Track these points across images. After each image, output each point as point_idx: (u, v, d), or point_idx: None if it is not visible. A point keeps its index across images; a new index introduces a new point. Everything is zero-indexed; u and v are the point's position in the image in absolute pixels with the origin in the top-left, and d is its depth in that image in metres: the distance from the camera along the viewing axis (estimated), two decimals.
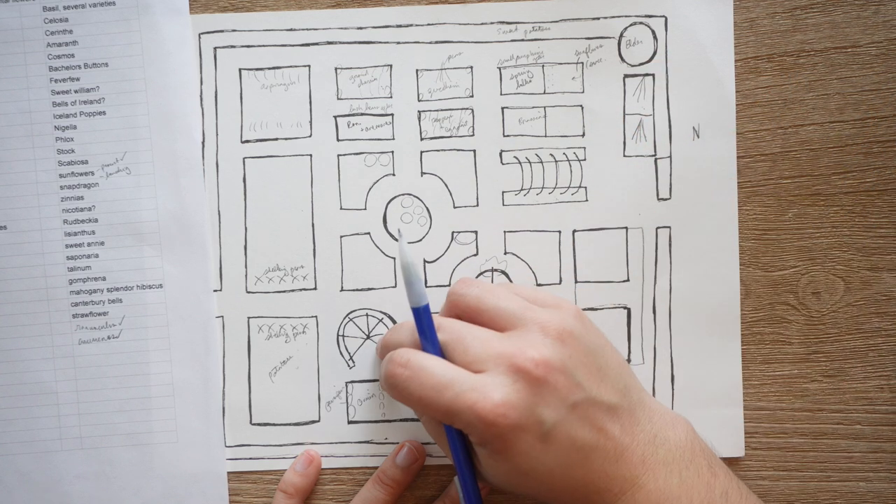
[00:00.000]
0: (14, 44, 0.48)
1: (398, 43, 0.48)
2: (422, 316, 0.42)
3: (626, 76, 0.49)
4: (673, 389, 0.49)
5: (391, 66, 0.49)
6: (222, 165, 0.49)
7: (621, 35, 0.48)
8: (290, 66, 0.49)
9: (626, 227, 0.49)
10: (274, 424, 0.49)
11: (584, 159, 0.49)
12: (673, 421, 0.43)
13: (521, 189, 0.49)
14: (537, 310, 0.42)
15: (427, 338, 0.42)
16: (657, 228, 0.49)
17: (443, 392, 0.40)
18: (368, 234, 0.49)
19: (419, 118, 0.49)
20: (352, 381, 0.49)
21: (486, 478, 0.43)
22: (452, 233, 0.49)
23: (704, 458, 0.43)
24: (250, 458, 0.49)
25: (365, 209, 0.49)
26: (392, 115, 0.49)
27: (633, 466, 0.41)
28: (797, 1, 0.48)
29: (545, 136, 0.49)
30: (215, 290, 0.49)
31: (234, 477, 0.49)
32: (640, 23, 0.48)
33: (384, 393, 0.49)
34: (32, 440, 0.48)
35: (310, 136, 0.49)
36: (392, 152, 0.49)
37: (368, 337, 0.49)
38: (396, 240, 0.42)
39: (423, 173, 0.49)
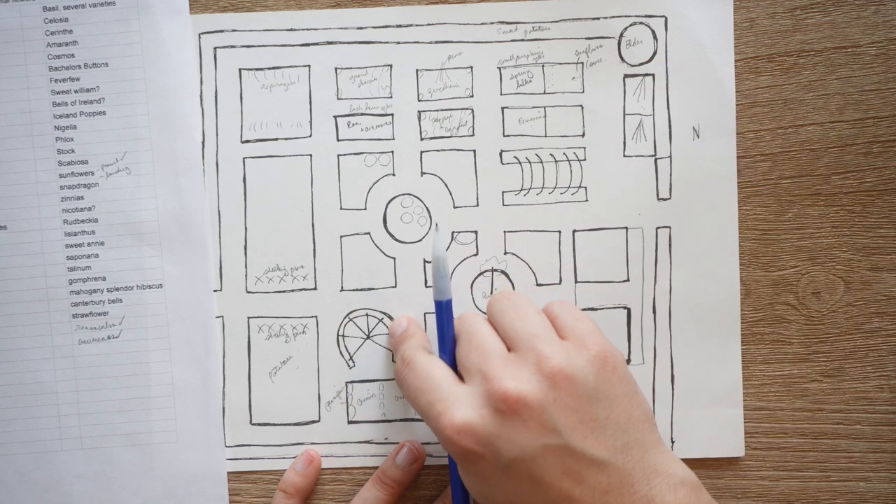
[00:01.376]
0: (14, 44, 0.48)
1: (398, 43, 0.48)
2: (443, 310, 0.44)
3: (626, 76, 0.49)
4: (673, 389, 0.49)
5: (391, 66, 0.49)
6: (222, 165, 0.49)
7: (621, 35, 0.48)
8: (290, 66, 0.48)
9: (626, 227, 0.49)
10: (274, 424, 0.49)
11: (584, 159, 0.49)
12: (677, 485, 0.40)
13: (521, 189, 0.49)
14: (549, 341, 0.41)
15: (442, 332, 0.44)
16: (657, 228, 0.49)
17: (419, 396, 0.42)
18: (368, 234, 0.49)
19: (419, 118, 0.49)
20: (352, 381, 0.49)
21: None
22: (452, 233, 0.49)
23: None
24: (250, 458, 0.49)
25: (365, 209, 0.49)
26: (392, 115, 0.49)
27: None
28: (797, 1, 0.48)
29: (545, 136, 0.49)
30: (215, 290, 0.49)
31: (234, 477, 0.49)
32: (640, 23, 0.48)
33: (384, 393, 0.49)
34: (32, 440, 0.48)
35: (310, 136, 0.49)
36: (392, 152, 0.49)
37: (368, 337, 0.49)
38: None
39: (423, 173, 0.49)
